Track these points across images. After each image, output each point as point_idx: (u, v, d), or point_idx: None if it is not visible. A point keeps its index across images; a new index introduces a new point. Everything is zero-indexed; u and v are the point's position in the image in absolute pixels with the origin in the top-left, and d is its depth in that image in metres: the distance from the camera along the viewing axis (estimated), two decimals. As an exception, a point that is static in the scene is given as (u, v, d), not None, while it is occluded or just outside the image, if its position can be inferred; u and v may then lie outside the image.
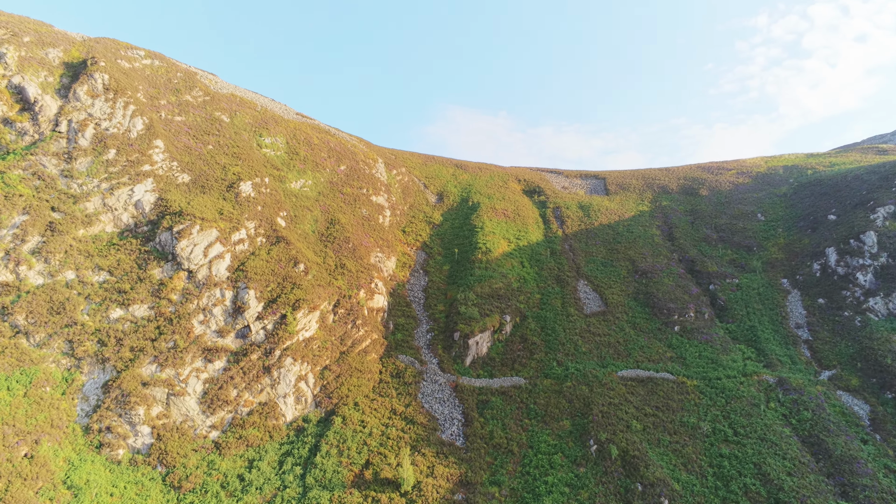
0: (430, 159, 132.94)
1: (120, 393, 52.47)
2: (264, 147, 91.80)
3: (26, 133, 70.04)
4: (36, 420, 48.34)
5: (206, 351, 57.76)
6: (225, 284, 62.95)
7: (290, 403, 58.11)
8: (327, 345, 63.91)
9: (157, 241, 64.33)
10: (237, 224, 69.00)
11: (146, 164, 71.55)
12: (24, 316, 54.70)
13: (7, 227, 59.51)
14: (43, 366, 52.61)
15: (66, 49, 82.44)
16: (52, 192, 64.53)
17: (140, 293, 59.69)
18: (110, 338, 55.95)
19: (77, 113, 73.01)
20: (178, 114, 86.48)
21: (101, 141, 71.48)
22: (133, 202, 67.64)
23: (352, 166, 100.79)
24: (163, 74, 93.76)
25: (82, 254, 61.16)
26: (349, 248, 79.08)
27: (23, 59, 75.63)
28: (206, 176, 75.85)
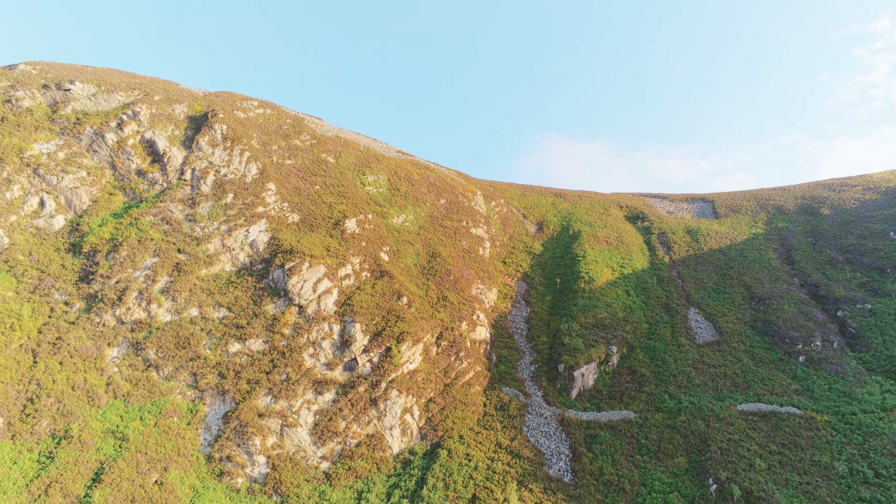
0: (529, 189, 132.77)
1: (238, 423, 55.29)
2: (367, 185, 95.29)
3: (156, 182, 76.87)
4: (165, 448, 51.78)
5: (316, 383, 59.89)
6: (333, 318, 65.30)
7: (396, 435, 58.85)
8: (431, 377, 64.47)
9: (271, 278, 67.98)
10: (343, 260, 71.68)
11: (260, 206, 76.17)
12: (155, 350, 59.33)
13: (140, 269, 65.13)
14: (171, 397, 56.57)
15: (189, 104, 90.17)
16: (179, 235, 70.05)
17: (255, 328, 63.10)
18: (229, 371, 59.38)
19: (199, 162, 79.28)
20: (288, 157, 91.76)
21: (221, 186, 77.04)
22: (249, 242, 72.05)
23: (451, 200, 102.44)
24: (274, 122, 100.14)
25: (204, 292, 65.68)
26: (450, 281, 79.92)
27: (153, 116, 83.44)
28: (314, 215, 79.62)
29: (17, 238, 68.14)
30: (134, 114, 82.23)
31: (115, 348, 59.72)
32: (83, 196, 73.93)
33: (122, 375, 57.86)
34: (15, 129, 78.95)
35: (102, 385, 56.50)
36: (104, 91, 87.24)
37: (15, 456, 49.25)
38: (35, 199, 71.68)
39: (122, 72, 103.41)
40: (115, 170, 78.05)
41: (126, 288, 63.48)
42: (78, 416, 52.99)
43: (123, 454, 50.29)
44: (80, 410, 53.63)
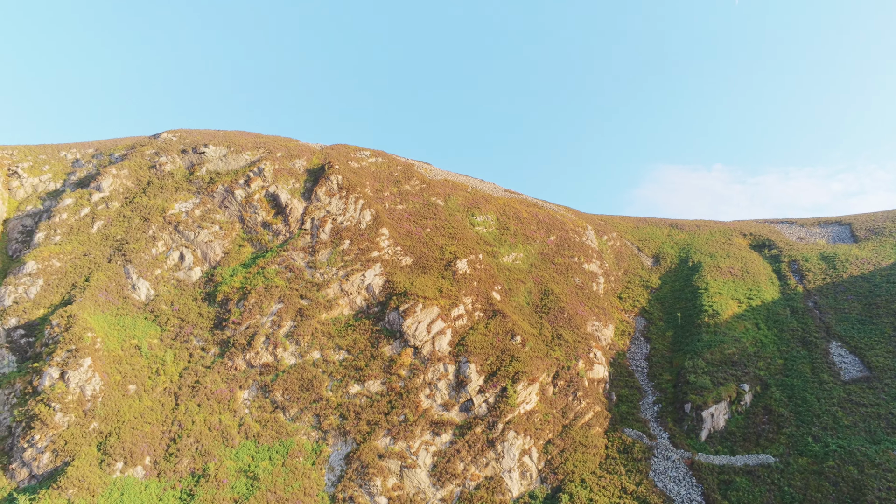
0: (642, 221, 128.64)
1: (360, 464, 56.46)
2: (476, 225, 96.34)
3: (280, 233, 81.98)
4: (292, 488, 53.75)
5: (433, 424, 60.19)
6: (447, 359, 65.76)
7: (515, 478, 57.62)
8: (549, 418, 62.92)
9: (387, 320, 69.82)
10: (455, 300, 72.39)
11: (374, 250, 78.98)
12: (281, 393, 62.36)
13: (267, 315, 69.19)
14: (296, 438, 58.93)
15: (308, 158, 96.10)
16: (301, 281, 73.91)
17: (374, 369, 64.77)
18: (350, 412, 61.10)
19: (318, 211, 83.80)
20: (400, 202, 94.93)
21: (338, 233, 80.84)
22: (365, 286, 74.67)
23: (561, 236, 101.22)
24: (385, 169, 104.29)
25: (325, 335, 68.53)
26: (564, 318, 78.33)
27: (276, 172, 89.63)
28: (426, 257, 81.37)
29: (161, 290, 74.81)
30: (259, 170, 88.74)
31: (246, 391, 63.36)
32: (216, 249, 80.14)
33: (253, 417, 61.12)
34: (159, 191, 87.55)
35: (235, 426, 59.92)
36: (233, 152, 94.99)
37: (160, 493, 53.00)
38: (176, 253, 78.61)
39: (247, 133, 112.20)
40: (244, 223, 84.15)
41: (255, 333, 67.54)
42: (214, 456, 56.37)
43: (255, 493, 52.71)
44: (215, 450, 57.07)
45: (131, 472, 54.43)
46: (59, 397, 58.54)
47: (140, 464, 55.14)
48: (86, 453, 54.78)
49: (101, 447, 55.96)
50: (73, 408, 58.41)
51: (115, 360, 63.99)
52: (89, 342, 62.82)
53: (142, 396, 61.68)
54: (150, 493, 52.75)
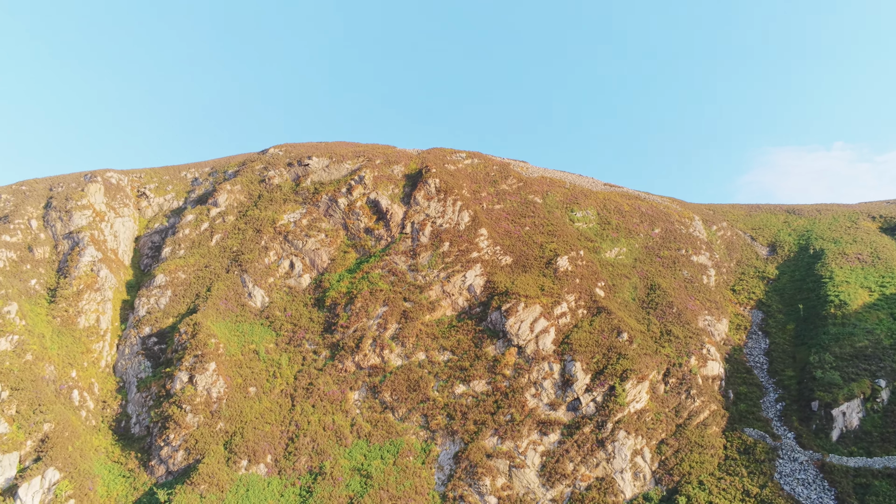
0: (755, 208, 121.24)
1: (468, 464, 56.90)
2: (576, 221, 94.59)
3: (382, 238, 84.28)
4: (404, 487, 55.03)
5: (540, 424, 59.64)
6: (552, 358, 64.96)
7: (627, 479, 55.99)
8: (661, 417, 60.64)
9: (489, 320, 69.98)
10: (558, 298, 71.40)
11: (474, 251, 79.40)
12: (390, 393, 64.07)
13: (373, 318, 71.30)
14: (406, 437, 60.32)
15: (405, 164, 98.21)
16: (403, 284, 75.58)
17: (478, 369, 65.11)
18: (457, 412, 61.75)
19: (417, 215, 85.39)
20: (497, 202, 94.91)
21: (437, 236, 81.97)
22: (466, 287, 75.23)
23: (666, 228, 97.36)
24: (481, 170, 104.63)
25: (429, 336, 69.68)
26: (673, 314, 75.24)
27: (376, 179, 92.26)
28: (526, 255, 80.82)
29: (274, 296, 78.96)
30: (360, 178, 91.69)
31: (357, 392, 65.59)
32: (323, 256, 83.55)
33: (364, 417, 63.19)
34: (269, 203, 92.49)
35: (347, 426, 62.19)
36: (335, 162, 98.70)
37: (282, 489, 55.93)
38: (286, 261, 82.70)
39: (347, 143, 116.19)
40: (347, 230, 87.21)
41: (362, 336, 69.77)
42: (329, 455, 58.77)
43: (369, 491, 54.44)
44: (330, 449, 59.48)
45: (255, 469, 57.82)
46: (189, 399, 63.21)
47: (262, 461, 58.45)
48: (214, 451, 58.76)
49: (228, 446, 59.85)
50: (202, 409, 62.86)
51: (236, 364, 68.24)
52: (213, 348, 67.35)
53: (261, 398, 65.37)
54: (272, 489, 55.78)
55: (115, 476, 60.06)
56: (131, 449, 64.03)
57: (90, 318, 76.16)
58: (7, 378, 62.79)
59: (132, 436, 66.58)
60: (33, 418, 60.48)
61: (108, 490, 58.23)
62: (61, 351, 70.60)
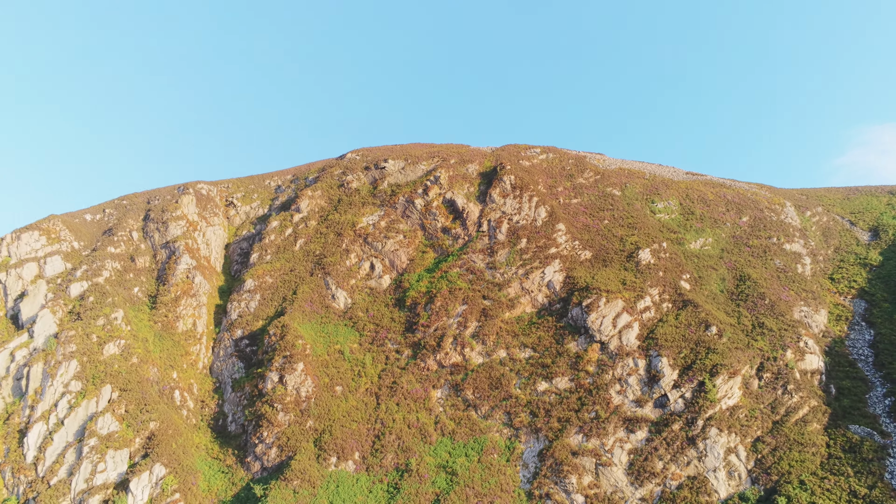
0: (853, 191, 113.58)
1: (553, 462, 56.36)
2: (658, 212, 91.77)
3: (459, 237, 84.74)
4: (489, 484, 55.16)
5: (626, 421, 58.29)
6: (636, 353, 63.35)
7: (721, 478, 53.81)
8: (756, 413, 57.88)
9: (570, 316, 69.02)
10: (641, 292, 69.53)
11: (552, 247, 78.51)
12: (472, 391, 64.35)
13: (453, 317, 71.82)
14: (489, 435, 60.41)
15: (480, 162, 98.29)
16: (482, 282, 75.72)
17: (560, 366, 64.36)
18: (540, 409, 61.28)
19: (493, 213, 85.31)
20: (574, 196, 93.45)
21: (514, 233, 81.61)
22: (545, 283, 74.52)
23: (755, 216, 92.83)
24: (556, 164, 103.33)
25: (510, 333, 69.48)
26: (765, 305, 71.67)
27: (451, 178, 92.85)
28: (606, 249, 79.17)
29: (356, 298, 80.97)
30: (435, 179, 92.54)
31: (439, 390, 66.27)
32: (402, 256, 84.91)
33: (447, 415, 63.78)
34: (348, 207, 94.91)
35: (431, 423, 62.95)
36: (410, 163, 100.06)
37: (370, 486, 57.30)
38: (367, 263, 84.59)
39: (422, 144, 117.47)
40: (425, 230, 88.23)
41: (443, 335, 70.42)
42: (414, 452, 59.70)
43: (454, 488, 54.90)
44: (415, 446, 60.41)
45: (343, 466, 59.54)
46: (279, 398, 65.82)
47: (350, 458, 60.10)
48: (304, 448, 60.93)
49: (317, 443, 61.93)
50: (292, 408, 65.31)
51: (322, 363, 70.48)
52: (300, 348, 69.82)
53: (347, 397, 67.22)
54: (360, 485, 57.25)
55: (214, 472, 63.39)
56: (228, 446, 67.38)
57: (187, 322, 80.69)
58: (116, 380, 67.53)
59: (229, 433, 70.03)
60: (140, 417, 64.73)
61: (209, 485, 61.52)
62: (163, 354, 75.21)
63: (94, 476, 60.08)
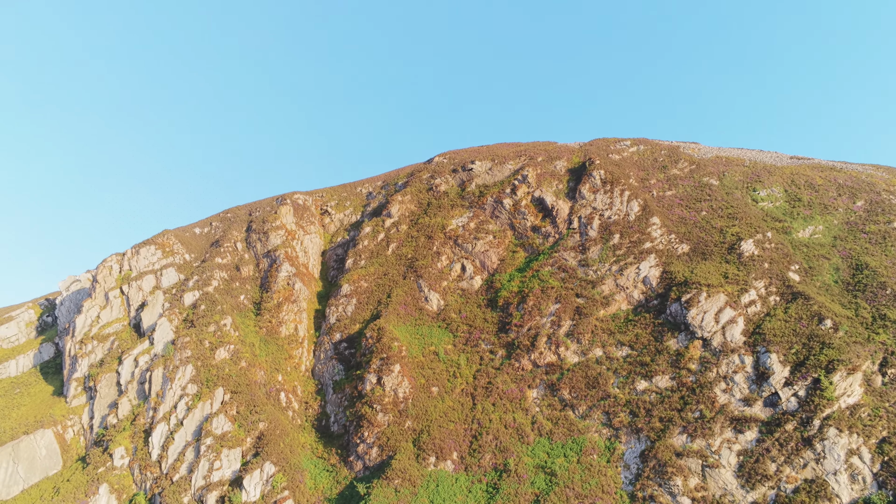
0: None
1: (656, 463, 54.54)
2: (760, 201, 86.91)
3: (549, 235, 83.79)
4: (589, 485, 54.16)
5: (733, 421, 55.51)
6: (742, 350, 60.22)
7: (843, 482, 50.18)
8: (880, 412, 53.55)
9: (668, 312, 66.61)
10: (744, 285, 66.08)
11: (646, 241, 76.10)
12: (568, 391, 63.42)
13: (546, 316, 71.10)
14: (588, 435, 59.29)
15: (567, 158, 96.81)
16: (575, 280, 74.50)
17: (660, 364, 62.20)
18: (640, 409, 59.50)
19: (584, 209, 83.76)
20: (668, 188, 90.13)
21: (606, 229, 79.75)
22: (640, 279, 72.31)
23: (871, 199, 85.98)
24: (648, 156, 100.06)
25: (605, 332, 67.93)
26: (887, 296, 66.22)
27: (539, 176, 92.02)
28: (704, 242, 75.83)
29: (448, 299, 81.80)
30: (523, 178, 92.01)
31: (535, 389, 65.77)
32: (492, 257, 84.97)
33: (544, 415, 63.18)
34: (437, 210, 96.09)
35: (528, 424, 62.57)
36: (497, 164, 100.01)
37: (469, 485, 57.69)
38: (458, 265, 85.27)
39: (508, 144, 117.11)
40: (514, 229, 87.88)
41: (537, 334, 69.86)
42: (512, 452, 59.54)
43: (554, 489, 54.29)
44: (513, 447, 60.25)
45: (442, 465, 60.28)
46: (378, 399, 67.57)
47: (449, 458, 60.76)
48: (404, 448, 62.20)
49: (416, 443, 63.04)
50: (391, 408, 66.85)
51: (418, 365, 71.71)
52: (396, 350, 71.37)
53: (443, 397, 68.02)
54: (460, 485, 57.75)
55: (320, 470, 65.94)
56: (332, 445, 69.87)
57: (289, 327, 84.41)
58: (227, 383, 71.64)
59: (332, 433, 72.62)
60: (250, 418, 68.34)
61: (315, 483, 64.06)
62: (268, 357, 79.05)
63: (211, 473, 64.03)
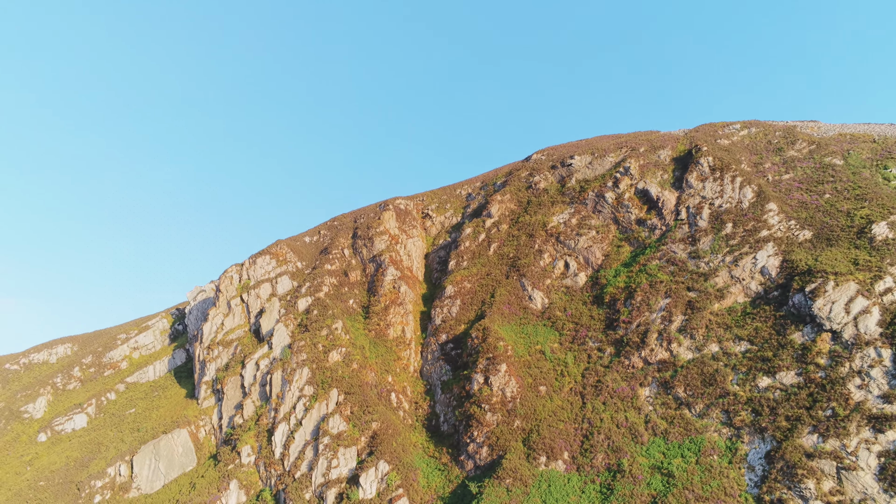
0: None
1: (784, 464, 51.09)
2: (893, 179, 79.39)
3: (655, 227, 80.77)
4: (710, 487, 51.57)
5: (871, 419, 50.96)
6: (878, 342, 55.19)
7: None
8: None
9: (791, 304, 62.26)
10: (878, 272, 60.55)
11: (763, 229, 71.60)
12: (683, 389, 60.73)
13: (656, 311, 68.55)
14: (706, 435, 56.45)
15: (672, 146, 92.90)
16: (685, 273, 71.32)
17: (784, 359, 58.22)
18: (763, 407, 55.92)
19: (691, 199, 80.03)
20: (785, 172, 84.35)
21: (717, 218, 75.76)
22: (758, 269, 68.09)
23: None
24: (761, 139, 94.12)
25: (721, 326, 64.49)
26: None
27: (642, 167, 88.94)
28: (829, 227, 70.28)
29: (552, 297, 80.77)
30: (625, 170, 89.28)
31: (647, 388, 63.54)
32: (596, 252, 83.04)
33: (657, 413, 60.88)
34: (537, 207, 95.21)
35: (641, 423, 60.53)
36: (597, 157, 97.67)
37: (582, 486, 56.63)
38: (560, 262, 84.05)
39: (608, 136, 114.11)
40: (618, 223, 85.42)
41: (646, 330, 67.50)
42: (626, 452, 57.83)
43: (672, 490, 52.17)
44: (626, 446, 58.50)
45: (553, 465, 59.56)
46: (486, 399, 67.81)
47: (560, 458, 59.94)
48: (514, 448, 62.04)
49: (526, 442, 62.70)
50: (499, 408, 66.91)
51: (524, 364, 71.31)
52: (502, 350, 71.35)
53: (551, 396, 67.22)
54: (572, 485, 56.81)
55: (431, 469, 67.08)
56: (442, 445, 70.88)
57: (397, 329, 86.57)
58: (341, 384, 74.48)
59: (442, 433, 73.68)
60: (363, 418, 70.68)
61: (427, 481, 65.24)
62: (378, 359, 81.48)
63: (330, 471, 66.82)
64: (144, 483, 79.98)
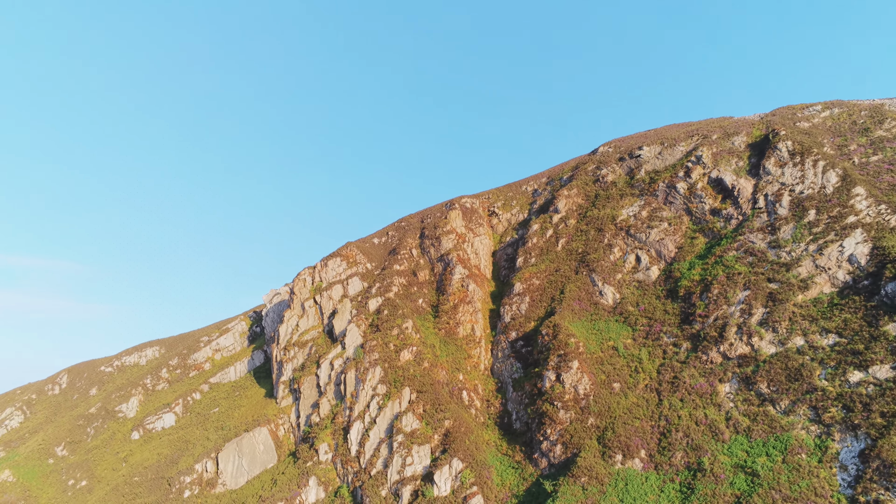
0: None
1: (881, 463, 48.08)
2: None
3: (731, 217, 77.63)
4: (799, 487, 49.15)
5: (980, 416, 47.29)
6: None
7: None
8: None
9: (883, 293, 58.53)
10: (983, 257, 56.14)
11: (850, 215, 67.63)
12: (766, 384, 58.08)
13: (734, 304, 65.89)
14: (793, 432, 53.79)
15: (747, 132, 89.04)
16: (764, 264, 68.23)
17: (877, 352, 54.75)
18: (855, 403, 52.78)
19: (770, 186, 76.46)
20: (872, 153, 79.33)
21: (798, 205, 72.10)
22: (845, 258, 64.37)
23: None
24: (845, 119, 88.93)
25: (806, 318, 61.33)
26: None
27: (715, 155, 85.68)
28: (925, 210, 65.61)
29: (624, 292, 78.97)
30: (697, 158, 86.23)
31: (727, 384, 61.17)
32: (669, 245, 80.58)
33: (739, 410, 58.49)
34: (606, 201, 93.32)
35: (722, 420, 58.32)
36: (666, 147, 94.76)
37: (660, 485, 55.14)
38: (631, 256, 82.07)
39: (677, 125, 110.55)
40: (691, 214, 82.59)
41: (725, 324, 65.00)
42: (706, 450, 55.86)
43: (757, 490, 50.06)
44: (706, 444, 56.51)
45: (630, 463, 58.25)
46: (558, 396, 67.04)
47: (637, 456, 58.56)
48: (588, 446, 61.07)
49: (601, 440, 61.60)
50: (571, 405, 66.02)
51: (596, 361, 70.04)
52: (573, 347, 70.34)
53: (626, 393, 65.74)
54: (650, 484, 55.39)
55: (505, 467, 66.92)
56: (515, 442, 70.57)
57: (466, 327, 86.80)
58: (413, 383, 75.36)
59: (514, 431, 73.35)
60: (436, 416, 71.25)
61: (501, 479, 65.13)
62: (448, 358, 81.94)
63: (404, 468, 67.74)
64: (229, 479, 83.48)
